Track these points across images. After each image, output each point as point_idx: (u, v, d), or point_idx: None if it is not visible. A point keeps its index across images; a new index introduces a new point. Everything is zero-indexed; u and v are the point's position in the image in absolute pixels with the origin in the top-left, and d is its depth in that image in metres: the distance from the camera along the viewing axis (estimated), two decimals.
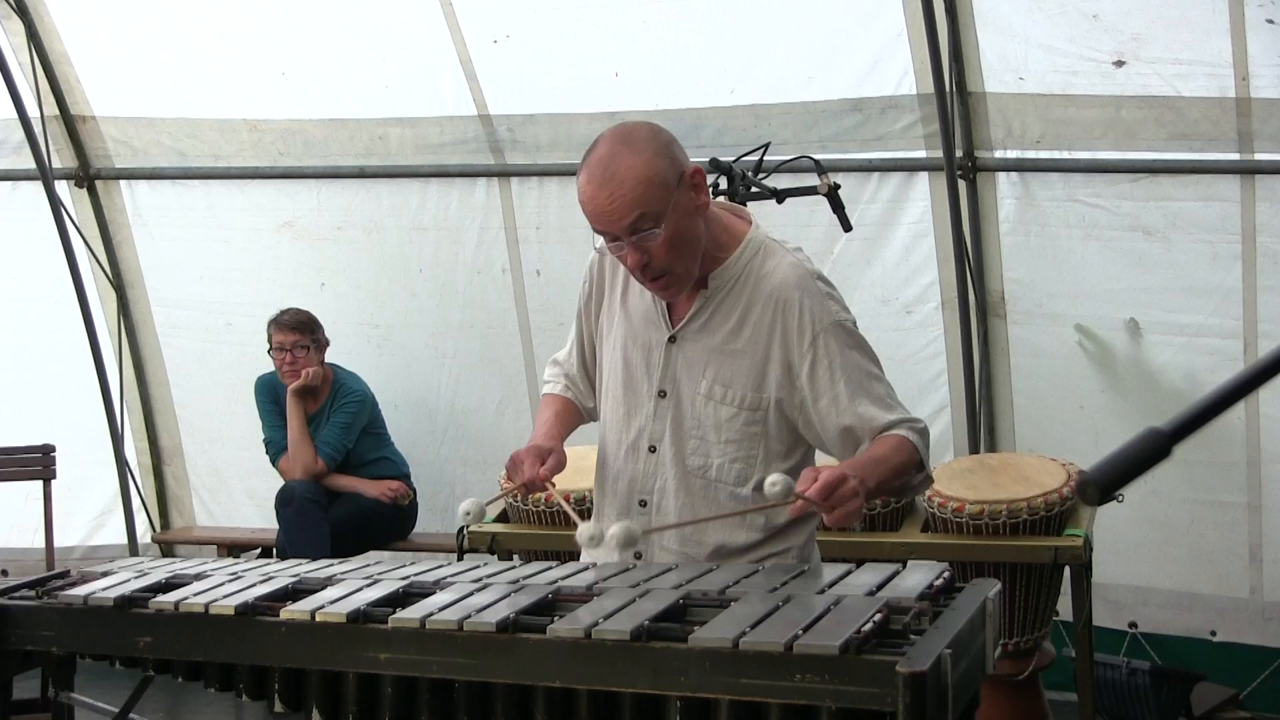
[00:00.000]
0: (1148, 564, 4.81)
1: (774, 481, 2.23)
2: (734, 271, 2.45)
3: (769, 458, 2.46)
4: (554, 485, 2.49)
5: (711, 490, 2.46)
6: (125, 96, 5.57)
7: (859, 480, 2.20)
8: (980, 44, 4.57)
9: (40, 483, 4.99)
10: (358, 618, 2.13)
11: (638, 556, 2.49)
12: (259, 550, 5.56)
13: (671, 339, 2.48)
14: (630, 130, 2.36)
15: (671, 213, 2.31)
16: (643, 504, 2.50)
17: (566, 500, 2.51)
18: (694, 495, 2.47)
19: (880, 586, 2.12)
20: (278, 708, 2.22)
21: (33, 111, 5.43)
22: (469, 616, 2.05)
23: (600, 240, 2.39)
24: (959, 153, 4.70)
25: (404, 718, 2.10)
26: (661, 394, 2.48)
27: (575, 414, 2.69)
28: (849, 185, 4.43)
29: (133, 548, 5.91)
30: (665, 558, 2.47)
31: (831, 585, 2.16)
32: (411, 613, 2.10)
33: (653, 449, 2.49)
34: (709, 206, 2.41)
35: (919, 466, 2.41)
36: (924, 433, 2.43)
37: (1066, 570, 3.89)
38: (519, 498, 4.04)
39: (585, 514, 2.60)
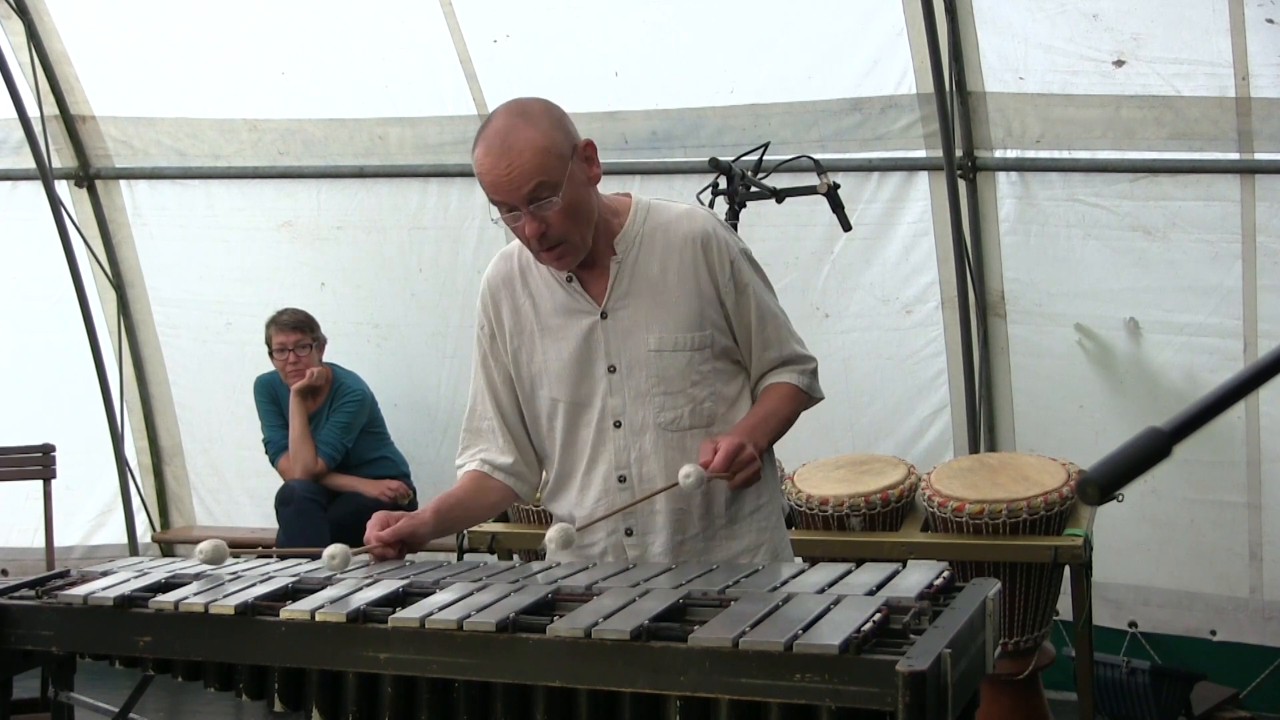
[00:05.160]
0: (1147, 563, 4.81)
1: (687, 474, 2.41)
2: (636, 231, 2.55)
3: (721, 387, 2.57)
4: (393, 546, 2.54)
5: (687, 440, 2.54)
6: (125, 96, 5.58)
7: (754, 445, 2.45)
8: (980, 43, 4.58)
9: (40, 482, 4.99)
10: (357, 617, 2.13)
11: (629, 533, 2.57)
12: (259, 550, 5.56)
13: (603, 315, 2.54)
14: (524, 105, 2.47)
15: (567, 183, 2.40)
16: (622, 479, 2.56)
17: (377, 556, 2.54)
18: (672, 450, 2.53)
19: (880, 586, 2.12)
20: (278, 707, 2.22)
21: (33, 111, 5.44)
22: (469, 616, 2.05)
23: (496, 212, 2.46)
24: (959, 152, 4.70)
25: (404, 717, 2.10)
26: (611, 369, 2.54)
27: (475, 488, 2.66)
28: (849, 185, 4.43)
29: (133, 547, 5.91)
30: (657, 519, 2.55)
31: (831, 585, 2.16)
32: (411, 612, 2.10)
33: (618, 424, 2.54)
34: (599, 179, 2.51)
35: (806, 403, 2.66)
36: (813, 373, 2.66)
37: (1066, 570, 3.89)
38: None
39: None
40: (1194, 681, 4.47)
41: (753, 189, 3.96)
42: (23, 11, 5.33)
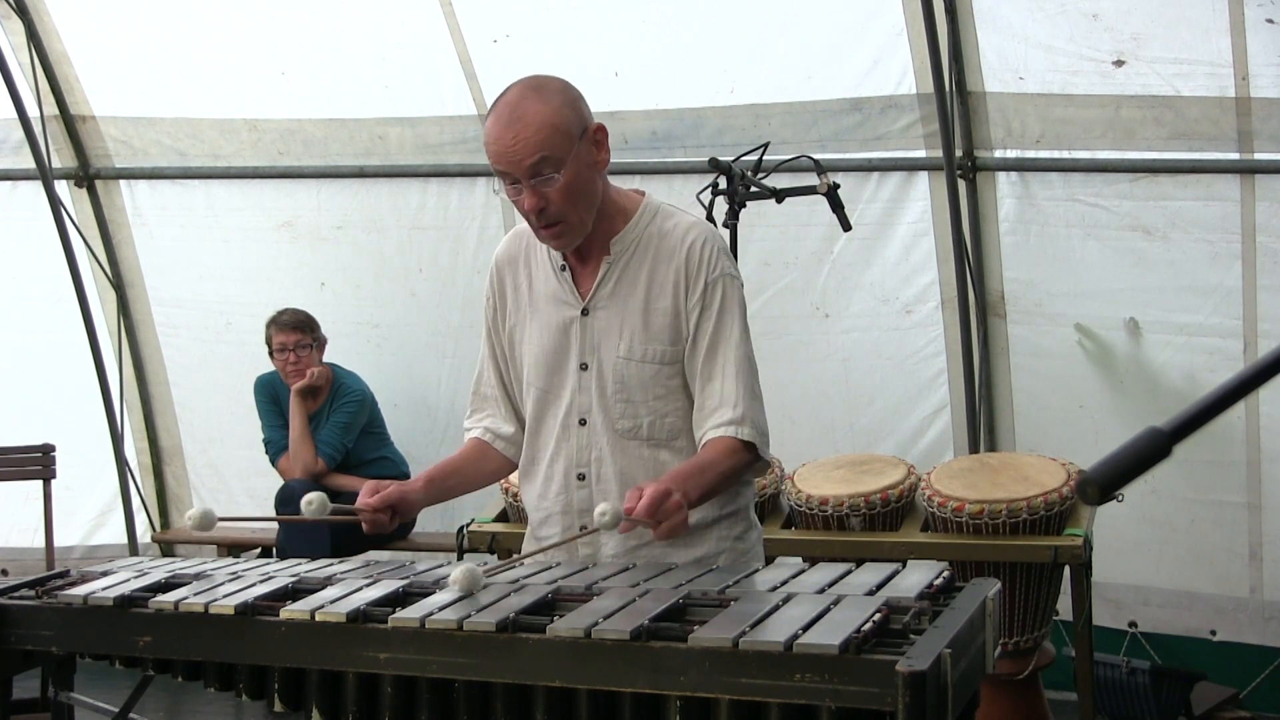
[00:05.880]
0: (1147, 563, 4.81)
1: (603, 511, 2.26)
2: (635, 235, 2.53)
3: (691, 406, 2.53)
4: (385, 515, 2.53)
5: (645, 451, 2.52)
6: (125, 96, 5.57)
7: (682, 493, 2.29)
8: (980, 43, 4.57)
9: (40, 482, 4.99)
10: (357, 617, 2.13)
11: (583, 530, 2.54)
12: (259, 550, 5.56)
13: (584, 311, 2.54)
14: (541, 80, 2.46)
15: (572, 162, 2.40)
16: (580, 477, 2.55)
17: (368, 522, 2.55)
18: (629, 458, 2.52)
19: (880, 586, 2.12)
20: (277, 707, 2.22)
21: (33, 111, 5.44)
22: (469, 616, 2.05)
23: (500, 185, 2.45)
24: (959, 152, 4.70)
25: (404, 717, 2.10)
26: (583, 366, 2.54)
27: (476, 456, 2.69)
28: (849, 185, 4.43)
29: (133, 547, 5.91)
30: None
31: (831, 585, 2.16)
32: (411, 612, 2.10)
33: (583, 421, 2.55)
34: (608, 164, 2.50)
35: (750, 464, 2.50)
36: (754, 423, 2.47)
37: (1066, 570, 3.89)
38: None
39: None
40: (1194, 681, 4.47)
41: (753, 189, 3.96)
42: (23, 11, 5.33)
